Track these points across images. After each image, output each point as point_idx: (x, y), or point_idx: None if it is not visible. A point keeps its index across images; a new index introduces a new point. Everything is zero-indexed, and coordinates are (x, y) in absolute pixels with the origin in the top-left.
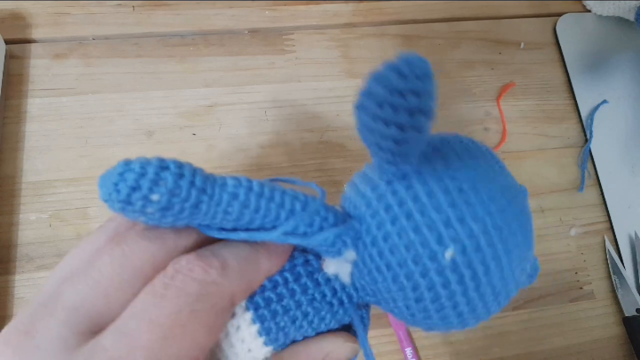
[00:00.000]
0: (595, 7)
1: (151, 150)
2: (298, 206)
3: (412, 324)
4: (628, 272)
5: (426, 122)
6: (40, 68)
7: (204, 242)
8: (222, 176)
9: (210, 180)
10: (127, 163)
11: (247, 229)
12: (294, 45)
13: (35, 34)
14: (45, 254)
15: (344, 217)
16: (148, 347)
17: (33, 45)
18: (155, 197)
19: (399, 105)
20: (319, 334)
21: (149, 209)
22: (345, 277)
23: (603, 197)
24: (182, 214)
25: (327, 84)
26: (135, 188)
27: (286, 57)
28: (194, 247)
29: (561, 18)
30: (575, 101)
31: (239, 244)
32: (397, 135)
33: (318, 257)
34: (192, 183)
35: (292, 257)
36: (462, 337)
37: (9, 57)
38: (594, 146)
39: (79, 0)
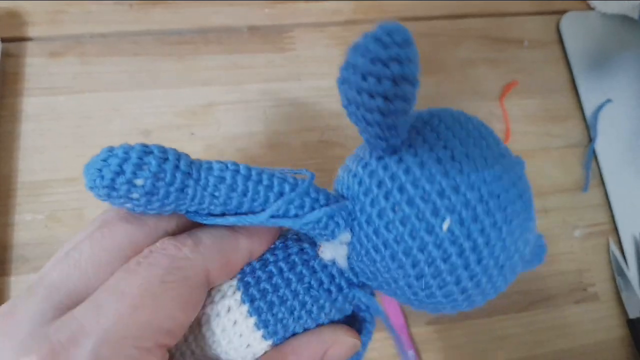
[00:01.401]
0: (599, 5)
1: None
2: (287, 188)
3: (417, 306)
4: (632, 274)
5: (411, 90)
6: (37, 66)
7: (187, 226)
8: (208, 160)
9: (195, 164)
10: (110, 149)
11: (235, 214)
12: (293, 43)
13: (32, 32)
14: (41, 255)
15: (336, 198)
16: (117, 315)
17: (29, 43)
18: (139, 181)
19: (382, 75)
20: (320, 325)
21: (134, 194)
22: (342, 261)
23: (607, 197)
24: (168, 199)
25: (327, 83)
26: (118, 173)
27: (285, 55)
28: (177, 230)
29: (565, 16)
30: (579, 100)
31: (219, 227)
32: (383, 106)
33: (314, 244)
34: (176, 167)
35: (286, 247)
36: (466, 339)
37: (5, 55)
38: (599, 146)
39: None
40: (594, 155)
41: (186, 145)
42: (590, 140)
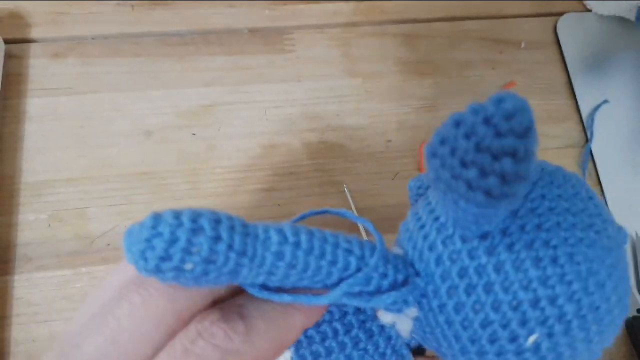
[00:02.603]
0: (596, 7)
1: (150, 150)
2: (353, 263)
3: None
4: (629, 273)
5: (523, 189)
6: (39, 68)
7: (235, 288)
8: (265, 227)
9: (251, 237)
10: (155, 225)
11: (293, 287)
12: (293, 45)
13: (34, 33)
14: (44, 254)
15: (405, 272)
16: None
17: (32, 44)
18: (188, 266)
19: (489, 169)
20: None
21: (182, 278)
22: (405, 333)
23: (604, 197)
24: (220, 279)
25: (327, 84)
26: (164, 258)
27: (286, 56)
28: (224, 294)
29: (562, 18)
30: (576, 101)
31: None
32: (484, 201)
33: None
34: (230, 246)
35: (343, 304)
36: None
37: (7, 56)
38: (595, 146)
39: (78, 0)
40: (590, 155)
41: (187, 145)
42: (587, 140)
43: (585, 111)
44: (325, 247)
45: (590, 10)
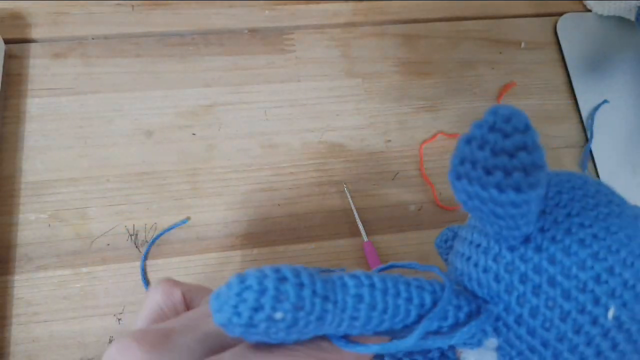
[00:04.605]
0: (596, 7)
1: (150, 150)
2: (428, 299)
3: None
4: None
5: (544, 176)
6: (40, 68)
7: None
8: (339, 274)
9: (329, 283)
10: (242, 280)
11: (375, 333)
12: (293, 45)
13: (35, 33)
14: (45, 254)
15: (476, 303)
16: None
17: (32, 45)
18: (279, 315)
19: (511, 167)
20: None
21: (273, 330)
22: None
23: None
24: (307, 328)
25: (327, 84)
26: (257, 308)
27: (286, 56)
28: None
29: (562, 18)
30: (576, 101)
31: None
32: (517, 198)
33: (451, 346)
34: (314, 292)
35: (426, 351)
36: None
37: (8, 56)
38: (595, 146)
39: (78, 0)
40: (590, 155)
41: (188, 145)
42: (587, 140)
43: (585, 111)
44: (399, 286)
45: (590, 10)
